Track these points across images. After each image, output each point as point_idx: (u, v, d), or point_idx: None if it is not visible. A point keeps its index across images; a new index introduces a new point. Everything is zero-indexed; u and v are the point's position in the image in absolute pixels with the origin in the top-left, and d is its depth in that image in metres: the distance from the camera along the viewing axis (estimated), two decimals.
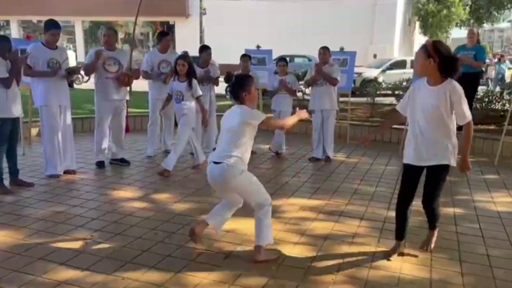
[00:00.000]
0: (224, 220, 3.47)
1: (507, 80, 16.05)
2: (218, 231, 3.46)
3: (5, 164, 4.77)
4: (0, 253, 3.27)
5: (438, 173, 3.16)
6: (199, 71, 6.21)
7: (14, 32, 29.32)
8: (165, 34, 6.50)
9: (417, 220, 4.12)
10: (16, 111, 4.68)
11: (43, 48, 5.09)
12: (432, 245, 3.45)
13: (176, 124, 8.02)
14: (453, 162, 3.15)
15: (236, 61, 6.65)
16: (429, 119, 3.09)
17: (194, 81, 5.51)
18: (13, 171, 4.89)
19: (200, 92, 5.61)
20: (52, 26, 5.04)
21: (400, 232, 3.42)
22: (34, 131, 7.23)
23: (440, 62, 2.99)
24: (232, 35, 24.57)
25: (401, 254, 3.39)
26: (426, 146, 3.12)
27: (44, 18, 5.83)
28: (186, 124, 5.57)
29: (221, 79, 6.66)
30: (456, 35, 42.44)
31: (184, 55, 5.69)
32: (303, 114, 3.35)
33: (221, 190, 3.33)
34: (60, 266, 3.10)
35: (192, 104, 5.58)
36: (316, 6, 22.15)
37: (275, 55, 8.48)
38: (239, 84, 3.20)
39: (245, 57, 6.58)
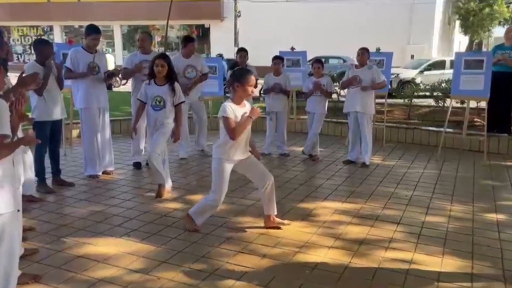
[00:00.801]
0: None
1: None
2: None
3: (47, 164, 4.95)
4: (43, 250, 3.39)
5: None
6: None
7: (57, 36, 30.46)
8: (191, 39, 6.44)
9: (457, 226, 4.01)
10: (56, 114, 4.83)
11: (83, 52, 5.25)
12: None
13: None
14: None
15: (270, 62, 6.66)
16: None
17: (177, 85, 4.73)
18: (55, 171, 5.07)
19: (183, 98, 4.82)
20: (93, 31, 5.21)
21: None
22: (75, 132, 7.47)
23: None
24: (266, 37, 24.59)
25: None
26: None
27: (85, 23, 6.03)
28: (164, 136, 4.75)
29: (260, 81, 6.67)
30: (499, 34, 40.86)
31: (163, 54, 4.85)
32: (255, 113, 3.55)
33: None
34: (99, 264, 3.18)
35: (173, 113, 4.78)
36: (352, 6, 21.88)
37: (309, 56, 8.42)
38: (235, 75, 3.58)
39: (277, 59, 6.58)
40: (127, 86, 6.16)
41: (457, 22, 31.54)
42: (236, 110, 3.54)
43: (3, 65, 2.74)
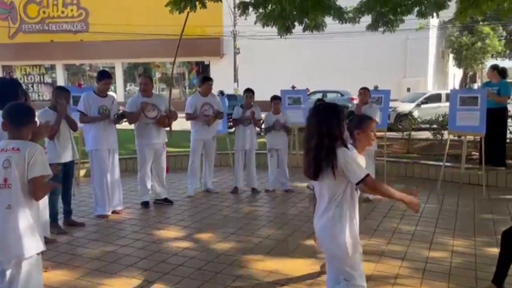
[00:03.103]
0: None
1: None
2: None
3: (59, 205, 5.08)
4: None
5: None
6: (241, 111, 6.69)
7: (60, 75, 31.07)
8: (208, 78, 6.80)
9: (461, 261, 4.11)
10: (67, 156, 5.01)
11: (94, 97, 5.50)
12: None
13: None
14: None
15: (269, 98, 6.95)
16: None
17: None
18: (67, 212, 5.21)
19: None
20: (105, 76, 5.50)
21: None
22: (82, 172, 7.63)
23: None
24: (265, 73, 25.20)
25: None
26: None
27: (87, 61, 6.36)
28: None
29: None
30: None
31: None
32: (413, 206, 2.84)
33: None
34: None
35: None
36: (349, 43, 22.49)
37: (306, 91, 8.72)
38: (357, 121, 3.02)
39: (276, 99, 6.89)
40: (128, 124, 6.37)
41: (451, 56, 32.35)
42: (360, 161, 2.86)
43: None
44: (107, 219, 5.43)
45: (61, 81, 29.99)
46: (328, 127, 2.56)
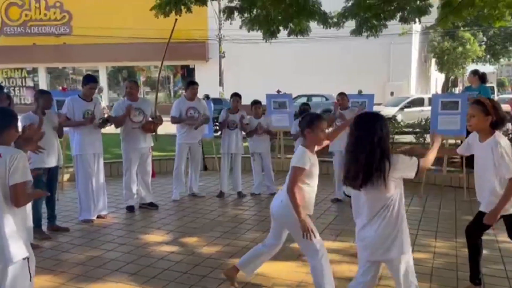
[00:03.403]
0: (256, 266, 3.60)
1: None
2: (248, 277, 3.60)
3: (42, 210, 5.03)
4: None
5: None
6: (227, 115, 6.71)
7: (42, 78, 30.70)
8: (192, 83, 6.83)
9: (442, 262, 4.20)
10: (51, 161, 4.98)
11: (79, 101, 5.47)
12: None
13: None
14: None
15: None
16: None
17: None
18: (51, 217, 5.16)
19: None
20: (91, 80, 5.48)
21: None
22: (66, 176, 7.55)
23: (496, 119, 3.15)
24: (251, 77, 25.28)
25: None
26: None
27: (70, 65, 6.33)
28: None
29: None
30: None
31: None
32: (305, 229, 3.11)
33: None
34: None
35: None
36: (334, 47, 22.72)
37: (293, 94, 8.81)
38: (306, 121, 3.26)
39: (256, 103, 6.92)
40: (112, 128, 6.34)
41: (433, 60, 32.93)
42: (311, 158, 3.23)
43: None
44: (92, 224, 5.40)
45: (43, 85, 29.61)
46: (379, 137, 2.59)
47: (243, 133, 6.99)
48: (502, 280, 3.78)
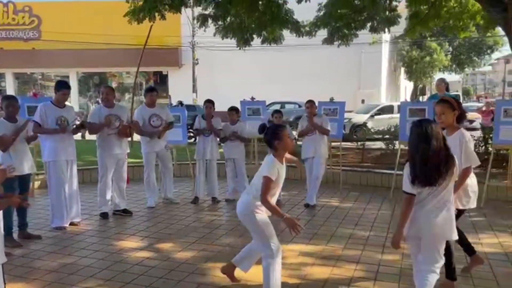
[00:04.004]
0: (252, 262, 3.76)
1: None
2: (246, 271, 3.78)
3: (14, 217, 4.95)
4: None
5: None
6: (202, 122, 6.79)
7: (9, 83, 29.90)
8: (151, 89, 6.81)
9: (410, 263, 4.36)
10: (23, 169, 4.91)
11: (52, 107, 5.41)
12: None
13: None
14: None
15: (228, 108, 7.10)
16: None
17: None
18: (22, 225, 5.08)
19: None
20: (63, 86, 5.43)
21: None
22: (36, 183, 7.42)
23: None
24: (224, 83, 25.39)
25: None
26: None
27: (39, 70, 6.27)
28: None
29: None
30: None
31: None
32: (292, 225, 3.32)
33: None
34: None
35: None
36: (306, 55, 23.07)
37: (267, 102, 8.94)
38: (271, 133, 3.45)
39: (232, 110, 7.04)
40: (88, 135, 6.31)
41: (402, 69, 33.83)
42: (280, 168, 3.43)
43: None
44: (65, 231, 5.34)
45: (11, 90, 28.83)
46: (441, 139, 2.99)
47: (218, 139, 7.06)
48: (466, 279, 3.96)
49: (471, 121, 16.55)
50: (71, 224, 5.53)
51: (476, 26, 11.14)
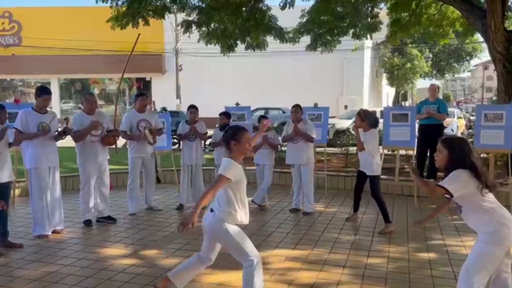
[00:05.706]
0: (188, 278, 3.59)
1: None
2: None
3: None
4: None
5: None
6: (186, 127, 6.78)
7: None
8: (141, 94, 6.79)
9: (396, 266, 4.40)
10: (3, 177, 4.83)
11: (33, 113, 5.32)
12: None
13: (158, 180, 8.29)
14: None
15: (212, 114, 7.10)
16: None
17: None
18: (3, 233, 4.96)
19: None
20: (44, 92, 5.33)
21: None
22: (17, 191, 7.28)
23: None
24: (208, 89, 25.36)
25: None
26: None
27: (20, 76, 6.17)
28: None
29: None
30: (420, 86, 44.88)
31: None
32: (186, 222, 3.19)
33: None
34: None
35: None
36: (290, 61, 23.21)
37: (251, 107, 8.98)
38: (231, 134, 3.34)
39: (222, 115, 7.08)
40: (66, 142, 6.19)
41: (384, 75, 34.30)
42: (238, 169, 3.29)
43: None
44: (47, 239, 5.24)
45: None
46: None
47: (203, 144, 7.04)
48: (450, 282, 4.01)
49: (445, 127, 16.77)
50: (54, 232, 5.43)
51: (455, 33, 11.40)
